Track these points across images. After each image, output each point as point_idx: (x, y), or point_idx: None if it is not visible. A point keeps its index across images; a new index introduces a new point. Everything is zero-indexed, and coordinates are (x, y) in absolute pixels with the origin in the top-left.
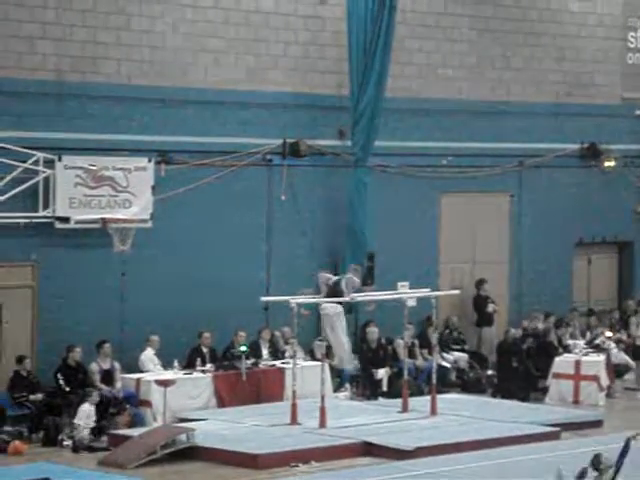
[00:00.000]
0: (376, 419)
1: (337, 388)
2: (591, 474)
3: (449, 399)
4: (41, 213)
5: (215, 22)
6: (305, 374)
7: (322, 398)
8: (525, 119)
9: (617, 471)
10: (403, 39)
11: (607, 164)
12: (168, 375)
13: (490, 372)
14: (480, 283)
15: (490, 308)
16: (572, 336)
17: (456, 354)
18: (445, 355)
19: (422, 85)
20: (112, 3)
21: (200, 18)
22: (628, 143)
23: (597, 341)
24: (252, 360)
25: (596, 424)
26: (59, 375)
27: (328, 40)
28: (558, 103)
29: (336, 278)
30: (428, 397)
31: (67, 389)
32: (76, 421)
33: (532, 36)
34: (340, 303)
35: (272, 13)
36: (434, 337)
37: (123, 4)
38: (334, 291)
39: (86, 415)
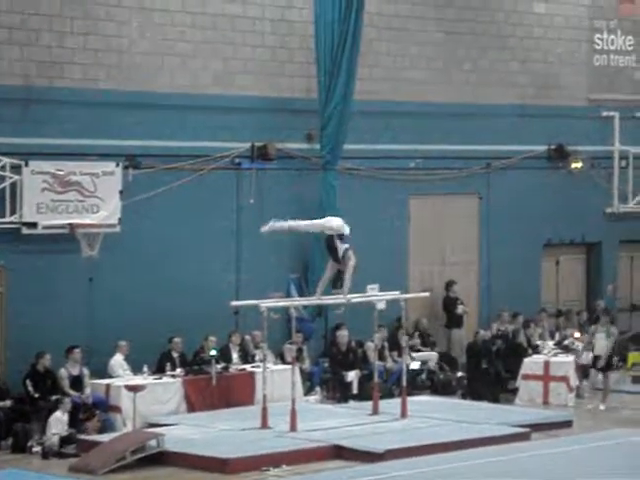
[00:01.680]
0: (347, 422)
1: (307, 391)
2: None
3: (419, 401)
4: (8, 219)
5: (182, 26)
6: (275, 378)
7: (293, 401)
8: (492, 121)
9: None
10: (371, 42)
11: (574, 165)
12: (138, 380)
13: (460, 374)
14: (449, 285)
15: (460, 310)
16: (541, 337)
17: (425, 354)
18: (414, 355)
19: (390, 88)
20: (79, 8)
21: (167, 22)
22: (595, 144)
23: (566, 342)
24: (222, 364)
25: (566, 424)
26: (28, 381)
27: (296, 43)
28: (525, 105)
29: (345, 247)
30: (398, 399)
31: (36, 395)
32: (49, 431)
33: (498, 38)
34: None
35: (239, 17)
36: (404, 339)
37: (90, 8)
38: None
39: (59, 423)
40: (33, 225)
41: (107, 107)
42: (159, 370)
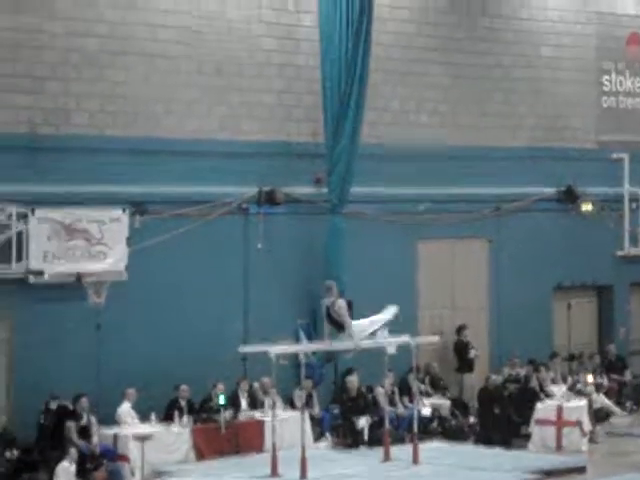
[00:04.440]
0: (358, 469)
1: (318, 438)
2: None
3: (431, 447)
4: (15, 267)
5: (187, 72)
6: (285, 424)
7: (303, 448)
8: (501, 164)
9: None
10: (377, 86)
11: (585, 208)
12: (146, 429)
13: (472, 419)
14: (461, 329)
15: (472, 354)
16: (553, 381)
17: (437, 401)
18: (425, 400)
19: (397, 131)
20: (84, 55)
21: (172, 68)
22: (605, 186)
23: (578, 386)
24: (231, 412)
25: (580, 470)
26: (42, 417)
27: (302, 88)
28: (534, 147)
29: (326, 304)
30: (410, 446)
31: (47, 425)
32: None
33: (506, 81)
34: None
35: (245, 63)
36: (415, 384)
37: (95, 56)
38: (331, 317)
39: (65, 473)
40: (40, 273)
41: (113, 153)
42: (167, 418)
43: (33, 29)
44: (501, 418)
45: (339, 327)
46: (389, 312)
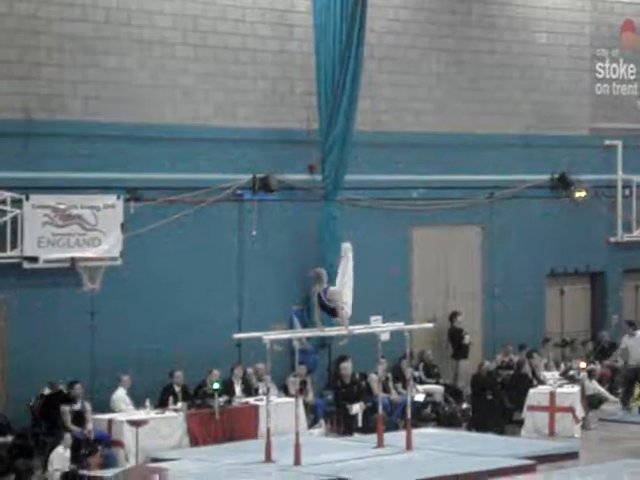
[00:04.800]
0: (351, 455)
1: (311, 424)
2: None
3: (424, 433)
4: (9, 253)
5: (183, 58)
6: (279, 411)
7: (296, 435)
8: (495, 151)
9: None
10: (371, 73)
11: (578, 195)
12: (140, 415)
13: (465, 405)
14: (454, 315)
15: (466, 340)
16: (546, 367)
17: (431, 387)
18: (418, 387)
19: (391, 118)
20: (78, 40)
21: (168, 55)
22: (598, 173)
23: (571, 372)
24: (225, 398)
25: (572, 456)
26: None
27: (297, 75)
28: (527, 134)
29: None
30: (403, 432)
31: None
32: (50, 467)
33: (500, 68)
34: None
35: (240, 49)
36: (408, 371)
37: (90, 42)
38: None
39: (60, 459)
40: (34, 259)
41: (108, 140)
42: (161, 404)
43: (28, 14)
44: (494, 404)
45: (333, 313)
46: (345, 250)
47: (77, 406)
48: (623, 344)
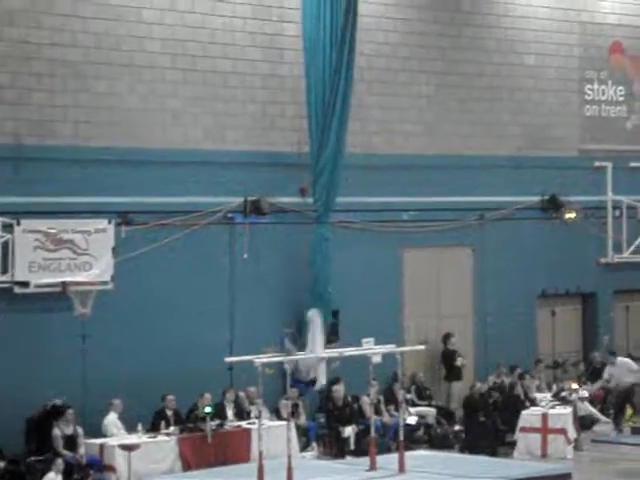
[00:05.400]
0: (344, 478)
1: (304, 447)
2: None
3: (417, 456)
4: (0, 278)
5: (173, 82)
6: (271, 434)
7: (289, 458)
8: (485, 172)
9: None
10: (361, 95)
11: (568, 216)
12: (132, 439)
13: (458, 427)
14: (447, 337)
15: (459, 362)
16: (538, 389)
17: (423, 409)
18: (411, 409)
19: (381, 141)
20: (69, 66)
21: (157, 78)
22: (588, 195)
23: (563, 393)
24: (217, 421)
25: (565, 477)
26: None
27: (287, 98)
28: (517, 156)
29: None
30: (396, 454)
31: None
32: None
33: (489, 90)
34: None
35: (230, 72)
36: (400, 393)
37: (80, 67)
38: None
39: None
40: (25, 284)
41: (98, 164)
42: (153, 428)
43: (19, 40)
44: (486, 426)
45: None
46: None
47: (69, 430)
48: (606, 374)
